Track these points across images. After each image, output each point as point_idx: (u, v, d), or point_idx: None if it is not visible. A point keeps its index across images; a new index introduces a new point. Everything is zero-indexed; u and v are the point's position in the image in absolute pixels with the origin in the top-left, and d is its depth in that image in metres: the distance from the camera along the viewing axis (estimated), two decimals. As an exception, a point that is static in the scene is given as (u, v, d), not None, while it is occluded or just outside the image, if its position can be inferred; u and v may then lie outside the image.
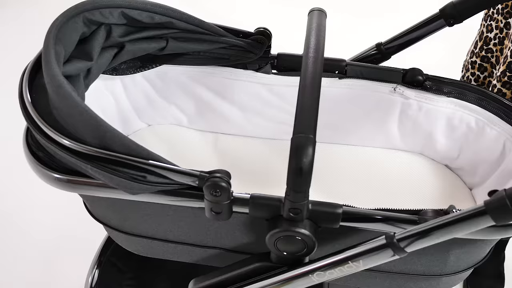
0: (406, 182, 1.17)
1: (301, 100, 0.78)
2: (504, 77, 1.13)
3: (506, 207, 0.64)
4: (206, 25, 1.06)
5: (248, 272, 0.93)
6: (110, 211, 0.98)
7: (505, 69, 1.12)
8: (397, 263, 0.95)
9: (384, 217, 0.83)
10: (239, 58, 1.13)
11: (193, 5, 2.38)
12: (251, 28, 1.13)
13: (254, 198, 0.83)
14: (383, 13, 2.80)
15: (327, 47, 0.90)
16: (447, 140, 1.17)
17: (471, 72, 1.29)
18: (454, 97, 1.11)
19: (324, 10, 0.97)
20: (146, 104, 1.21)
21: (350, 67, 1.14)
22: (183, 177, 0.81)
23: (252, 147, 1.24)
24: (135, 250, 1.07)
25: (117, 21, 0.99)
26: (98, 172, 0.80)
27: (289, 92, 1.17)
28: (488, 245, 0.96)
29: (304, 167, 0.72)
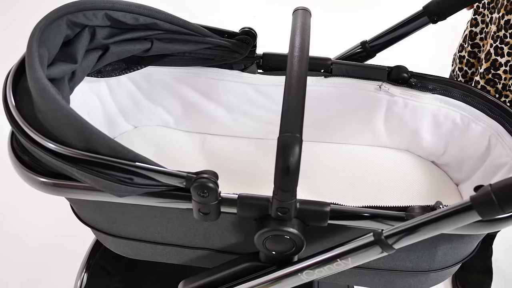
0: (393, 179, 1.17)
1: (287, 99, 0.78)
2: (488, 74, 1.14)
3: (492, 202, 0.64)
4: (190, 25, 1.06)
5: (237, 272, 0.93)
6: (97, 214, 0.98)
7: (489, 66, 1.14)
8: (385, 260, 0.95)
9: (372, 215, 0.84)
10: (224, 58, 1.13)
11: (174, 5, 2.37)
12: (236, 28, 1.12)
13: (242, 198, 0.83)
14: (366, 10, 2.81)
15: (312, 46, 0.90)
16: (433, 136, 1.18)
17: (459, 67, 1.30)
18: (439, 93, 1.12)
19: (308, 9, 0.97)
20: (132, 106, 1.21)
21: (336, 66, 1.15)
22: (170, 179, 0.81)
23: (239, 147, 1.24)
24: (123, 252, 1.06)
25: (101, 23, 0.98)
26: (84, 175, 0.80)
27: (275, 92, 1.18)
28: (475, 240, 0.96)
29: (291, 166, 0.72)
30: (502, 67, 1.13)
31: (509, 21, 1.07)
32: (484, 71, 1.13)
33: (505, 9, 1.07)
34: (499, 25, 1.09)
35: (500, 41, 1.10)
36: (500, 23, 1.09)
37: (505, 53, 1.11)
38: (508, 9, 1.07)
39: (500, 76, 1.14)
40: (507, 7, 1.07)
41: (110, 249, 1.08)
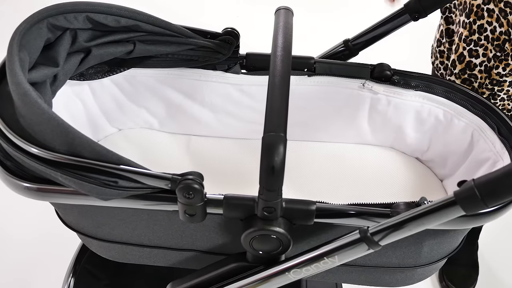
0: (378, 176, 1.18)
1: (270, 98, 0.78)
2: (464, 74, 1.16)
3: (475, 196, 0.65)
4: (173, 27, 1.06)
5: (225, 273, 0.93)
6: (83, 218, 0.97)
7: (464, 68, 1.16)
8: (372, 257, 0.96)
9: (357, 212, 0.84)
10: (207, 59, 1.13)
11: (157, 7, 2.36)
12: (220, 29, 1.12)
13: (227, 199, 0.83)
14: (345, 8, 2.82)
15: (295, 45, 0.90)
16: (416, 133, 1.19)
17: (440, 61, 1.31)
18: (421, 90, 1.13)
19: (290, 9, 0.97)
20: (115, 109, 1.20)
21: (319, 65, 1.15)
22: (155, 181, 0.81)
23: (225, 147, 1.24)
24: (110, 256, 1.06)
25: (83, 26, 0.98)
26: (69, 179, 0.79)
27: (259, 92, 1.18)
28: (460, 235, 0.97)
29: (276, 166, 0.72)
30: (477, 67, 1.15)
31: (482, 26, 1.10)
32: (459, 72, 1.15)
33: (476, 15, 1.09)
34: (472, 30, 1.11)
35: (475, 44, 1.13)
36: (472, 28, 1.11)
37: (480, 55, 1.13)
38: (480, 14, 1.09)
39: (476, 75, 1.17)
40: (478, 13, 1.09)
41: (97, 253, 1.07)
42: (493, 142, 1.03)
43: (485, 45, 1.11)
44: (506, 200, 0.66)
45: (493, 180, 0.64)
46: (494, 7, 1.07)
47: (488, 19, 1.08)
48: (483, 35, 1.11)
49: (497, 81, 1.15)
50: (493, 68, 1.13)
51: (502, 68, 1.12)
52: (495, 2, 1.06)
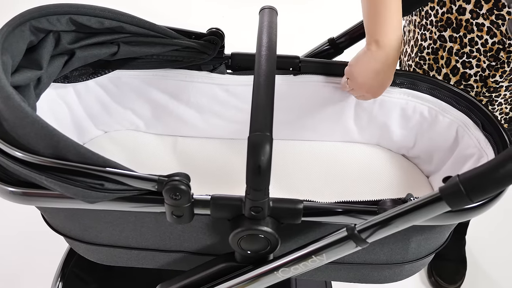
0: (365, 174, 1.19)
1: (255, 98, 0.78)
2: (459, 85, 1.17)
3: (460, 192, 0.65)
4: (157, 28, 1.05)
5: (213, 273, 0.93)
6: (69, 221, 0.96)
7: (459, 79, 1.17)
8: (360, 254, 0.96)
9: (345, 210, 0.84)
10: (192, 60, 1.12)
11: (142, 9, 2.35)
12: (204, 30, 1.12)
13: (214, 199, 0.83)
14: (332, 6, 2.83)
15: (280, 44, 0.90)
16: (402, 130, 1.20)
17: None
18: (406, 87, 1.14)
19: (274, 8, 0.98)
20: (101, 111, 1.19)
21: (304, 64, 1.15)
22: (141, 183, 0.80)
23: (211, 148, 1.23)
24: (98, 259, 1.05)
25: (66, 28, 0.97)
26: (54, 182, 0.79)
27: (245, 91, 1.18)
28: (446, 230, 0.98)
29: (262, 165, 0.72)
30: (472, 77, 1.16)
31: (473, 39, 1.11)
32: (455, 83, 1.17)
33: (465, 29, 1.11)
34: (463, 43, 1.12)
35: (467, 56, 1.14)
36: (463, 41, 1.12)
37: (473, 66, 1.14)
38: (469, 29, 1.10)
39: (472, 85, 1.18)
40: (468, 27, 1.10)
41: (84, 256, 1.07)
42: (478, 138, 1.04)
43: (478, 56, 1.13)
44: (490, 195, 0.67)
45: (477, 175, 0.65)
46: (484, 21, 1.08)
47: (478, 33, 1.10)
48: (475, 48, 1.12)
49: (494, 88, 1.16)
50: (489, 77, 1.14)
51: (499, 76, 1.14)
52: (485, 16, 1.07)
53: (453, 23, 1.12)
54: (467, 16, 1.09)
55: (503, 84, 1.16)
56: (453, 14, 1.11)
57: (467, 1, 1.08)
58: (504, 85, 1.16)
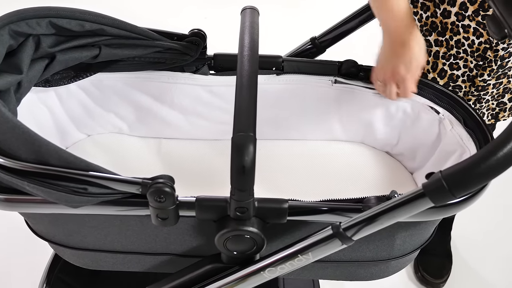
0: (350, 172, 1.19)
1: (238, 99, 0.78)
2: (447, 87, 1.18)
3: (443, 188, 0.66)
4: (139, 30, 1.05)
5: (200, 275, 0.92)
6: (53, 227, 0.96)
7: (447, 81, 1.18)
8: (346, 252, 0.97)
9: (330, 208, 0.85)
10: (175, 61, 1.12)
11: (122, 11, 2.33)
12: (186, 31, 1.12)
13: (199, 201, 0.82)
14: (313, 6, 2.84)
15: (262, 44, 0.90)
16: (385, 127, 1.20)
17: None
18: None
19: (256, 8, 0.98)
20: (83, 114, 1.18)
21: (287, 63, 1.15)
22: (125, 186, 0.80)
23: (196, 149, 1.23)
24: (84, 264, 1.04)
25: (46, 31, 0.96)
26: (36, 188, 0.78)
27: (229, 92, 1.17)
28: (431, 226, 0.99)
29: (246, 166, 0.72)
30: (460, 78, 1.17)
31: (459, 41, 1.12)
32: (443, 86, 1.18)
33: (451, 32, 1.11)
34: (449, 46, 1.13)
35: (454, 58, 1.15)
36: (450, 43, 1.13)
37: (461, 66, 1.15)
38: (455, 31, 1.11)
39: (460, 86, 1.19)
40: (454, 30, 1.11)
41: (70, 261, 1.06)
42: (460, 134, 1.04)
43: (465, 57, 1.14)
44: (473, 190, 0.68)
45: (459, 171, 0.65)
46: (470, 22, 1.08)
47: (464, 34, 1.11)
48: (461, 49, 1.13)
49: (482, 86, 1.17)
50: (477, 76, 1.15)
51: (487, 75, 1.15)
52: (470, 17, 1.08)
53: (438, 27, 1.12)
54: (453, 18, 1.10)
55: (490, 82, 1.17)
56: (437, 18, 1.11)
57: (452, 4, 1.09)
58: (492, 83, 1.17)
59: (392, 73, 1.05)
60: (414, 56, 1.02)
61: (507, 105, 1.25)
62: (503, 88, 1.21)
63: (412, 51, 1.02)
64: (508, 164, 0.63)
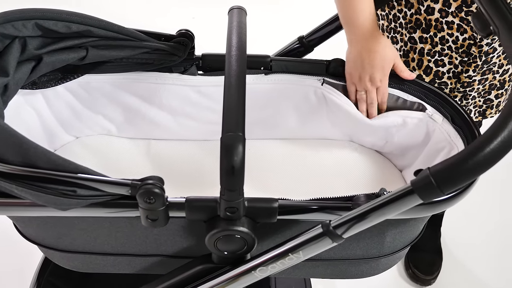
0: (339, 170, 1.19)
1: (227, 99, 0.78)
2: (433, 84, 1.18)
3: (431, 184, 0.66)
4: (126, 31, 1.04)
5: (191, 276, 0.92)
6: (42, 230, 0.95)
7: (433, 78, 1.19)
8: (336, 250, 0.97)
9: (319, 207, 0.85)
10: (163, 62, 1.11)
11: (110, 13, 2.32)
12: (174, 32, 1.11)
13: (189, 201, 0.82)
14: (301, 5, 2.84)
15: (250, 44, 0.90)
16: (371, 134, 1.20)
17: None
18: None
19: (243, 8, 0.98)
20: (71, 116, 1.18)
21: (275, 62, 1.15)
22: (114, 188, 0.79)
23: (185, 150, 1.23)
24: (74, 267, 1.04)
25: (32, 33, 0.95)
26: (24, 191, 0.77)
27: (217, 92, 1.17)
28: (420, 223, 0.99)
29: (235, 166, 0.72)
30: (446, 75, 1.18)
31: (443, 37, 1.12)
32: (429, 83, 1.18)
33: (435, 28, 1.12)
34: (433, 43, 1.14)
35: (439, 55, 1.15)
36: (434, 40, 1.14)
37: (446, 63, 1.16)
38: (439, 28, 1.12)
39: (446, 82, 1.19)
40: (438, 27, 1.12)
41: (60, 264, 1.05)
42: (448, 131, 1.05)
43: (450, 54, 1.14)
44: (461, 186, 0.68)
45: (447, 167, 0.66)
46: (453, 19, 1.09)
47: (449, 31, 1.11)
48: (446, 46, 1.13)
49: (468, 83, 1.18)
50: (462, 72, 1.16)
51: (472, 70, 1.15)
52: (454, 14, 1.09)
53: (422, 24, 1.13)
54: (436, 15, 1.10)
55: (476, 78, 1.18)
56: (421, 15, 1.12)
57: (435, 1, 1.10)
58: (477, 79, 1.18)
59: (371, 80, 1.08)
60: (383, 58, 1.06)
61: (494, 102, 1.26)
62: (489, 84, 1.22)
63: (380, 55, 1.05)
64: (495, 160, 0.64)
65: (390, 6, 1.15)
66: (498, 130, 0.64)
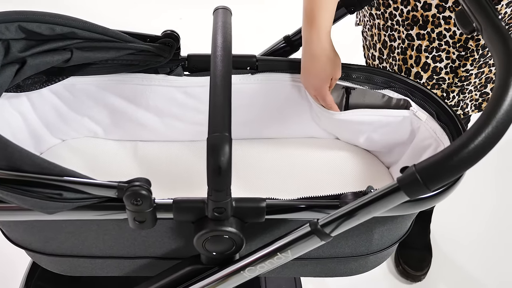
0: (326, 168, 1.20)
1: (212, 99, 0.78)
2: (431, 80, 1.19)
3: (417, 181, 0.67)
4: (111, 32, 1.04)
5: (180, 277, 0.92)
6: (29, 234, 0.94)
7: (431, 75, 1.19)
8: (325, 249, 0.97)
9: (307, 206, 0.85)
10: (148, 63, 1.11)
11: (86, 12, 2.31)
12: (159, 32, 1.11)
13: (177, 203, 0.82)
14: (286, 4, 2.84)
15: (236, 44, 0.90)
16: (354, 133, 1.21)
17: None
18: (362, 81, 1.15)
19: (228, 8, 0.97)
20: (57, 119, 1.17)
21: (261, 62, 1.15)
22: (101, 190, 0.79)
23: (173, 151, 1.22)
24: (62, 270, 1.03)
25: (15, 36, 0.95)
26: (10, 195, 0.77)
27: (204, 93, 1.17)
28: (408, 220, 1.00)
29: (222, 166, 0.72)
30: (443, 70, 1.18)
31: (441, 33, 1.13)
32: (427, 79, 1.19)
33: (432, 24, 1.12)
34: (431, 38, 1.14)
35: (436, 50, 1.15)
36: (431, 36, 1.14)
37: (443, 59, 1.16)
38: (436, 23, 1.12)
39: (444, 78, 1.20)
40: (435, 22, 1.12)
41: (48, 269, 1.04)
42: (433, 128, 1.06)
43: (447, 49, 1.15)
44: (447, 182, 0.69)
45: (433, 164, 0.66)
46: (450, 14, 1.10)
47: (446, 26, 1.12)
48: (443, 41, 1.14)
49: (465, 77, 1.18)
50: (460, 67, 1.16)
51: (469, 64, 1.16)
52: (451, 8, 1.09)
53: (419, 20, 1.13)
54: (433, 11, 1.11)
55: (473, 72, 1.18)
56: (418, 11, 1.12)
57: None
58: (474, 72, 1.19)
59: (306, 85, 1.12)
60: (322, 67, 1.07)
61: (490, 95, 1.26)
62: (485, 78, 1.22)
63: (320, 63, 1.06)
64: (480, 156, 0.65)
65: (385, 5, 1.15)
66: (482, 126, 0.64)
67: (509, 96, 0.65)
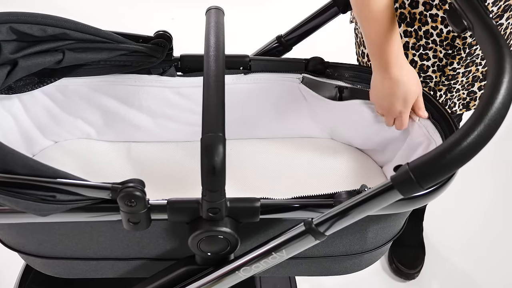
0: (320, 167, 1.20)
1: (206, 99, 0.78)
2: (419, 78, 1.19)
3: (410, 179, 0.67)
4: (103, 33, 1.04)
5: (175, 278, 0.92)
6: (22, 236, 0.94)
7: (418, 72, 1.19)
8: (320, 248, 0.97)
9: (301, 205, 0.85)
10: (141, 64, 1.11)
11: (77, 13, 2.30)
12: (152, 33, 1.11)
13: (171, 203, 0.82)
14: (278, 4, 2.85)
15: (229, 44, 0.90)
16: (349, 130, 1.21)
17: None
18: (351, 80, 1.15)
19: (221, 8, 0.97)
20: (49, 121, 1.16)
21: (254, 62, 1.16)
22: (94, 192, 0.79)
23: (166, 152, 1.22)
24: (55, 273, 1.03)
25: (6, 37, 0.94)
26: (3, 197, 0.76)
27: (197, 93, 1.17)
28: (402, 218, 1.00)
29: (216, 166, 0.72)
30: (430, 68, 1.19)
31: (428, 31, 1.13)
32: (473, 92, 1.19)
33: (419, 22, 1.13)
34: (418, 36, 1.14)
35: (424, 49, 1.16)
36: (418, 34, 1.14)
37: (430, 57, 1.17)
38: (423, 21, 1.12)
39: (431, 76, 1.20)
40: (422, 20, 1.12)
41: (41, 271, 1.04)
42: (426, 126, 1.06)
43: (434, 47, 1.15)
44: (440, 180, 0.69)
45: (425, 162, 0.66)
46: (437, 11, 1.10)
47: (433, 24, 1.12)
48: (430, 39, 1.14)
49: (452, 75, 1.19)
50: (447, 65, 1.17)
51: (456, 63, 1.16)
52: (438, 6, 1.09)
53: (407, 18, 1.14)
54: (420, 8, 1.11)
55: (460, 71, 1.19)
56: (406, 9, 1.13)
57: None
58: (461, 71, 1.19)
59: (389, 110, 1.06)
60: (407, 91, 1.01)
61: (477, 94, 1.27)
62: (472, 76, 1.23)
63: (404, 87, 1.01)
64: (472, 154, 0.65)
65: None
66: (474, 124, 0.65)
67: (500, 94, 0.66)
